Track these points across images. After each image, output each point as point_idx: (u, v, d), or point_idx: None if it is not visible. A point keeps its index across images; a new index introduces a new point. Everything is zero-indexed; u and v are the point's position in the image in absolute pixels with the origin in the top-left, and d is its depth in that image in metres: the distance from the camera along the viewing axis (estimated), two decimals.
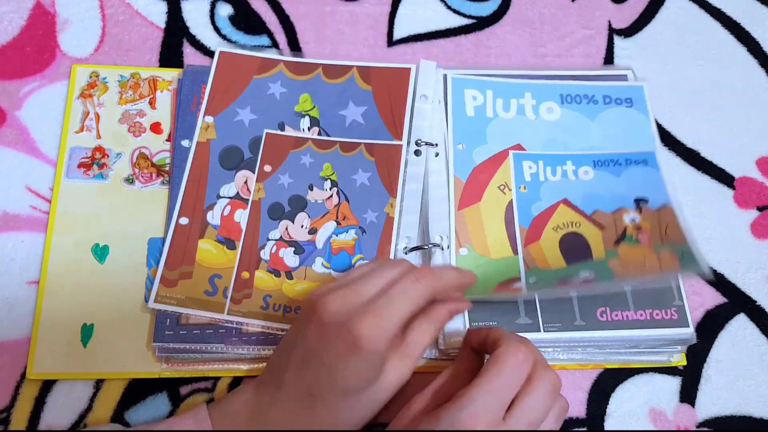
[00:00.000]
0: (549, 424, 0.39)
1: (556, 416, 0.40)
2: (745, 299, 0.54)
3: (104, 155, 0.52)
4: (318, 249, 0.50)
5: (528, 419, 0.38)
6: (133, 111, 0.54)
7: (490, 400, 0.37)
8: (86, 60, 0.56)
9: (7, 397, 0.46)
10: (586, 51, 0.62)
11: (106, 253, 0.50)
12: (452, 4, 0.63)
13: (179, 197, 0.50)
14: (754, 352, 0.52)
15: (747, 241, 0.56)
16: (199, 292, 0.48)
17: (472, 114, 0.55)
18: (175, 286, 0.48)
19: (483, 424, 0.36)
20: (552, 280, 0.49)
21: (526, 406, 0.38)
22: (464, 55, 0.60)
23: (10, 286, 0.49)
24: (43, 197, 0.51)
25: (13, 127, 0.53)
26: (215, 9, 0.60)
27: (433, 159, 0.53)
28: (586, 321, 0.49)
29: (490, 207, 0.52)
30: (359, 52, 0.59)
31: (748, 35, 0.64)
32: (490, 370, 0.38)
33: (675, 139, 0.59)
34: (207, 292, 0.48)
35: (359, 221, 0.51)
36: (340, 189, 0.52)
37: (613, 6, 0.64)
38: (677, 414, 0.50)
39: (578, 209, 0.52)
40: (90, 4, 0.58)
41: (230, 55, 0.56)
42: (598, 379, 0.50)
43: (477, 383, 0.38)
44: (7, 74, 0.55)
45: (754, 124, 0.60)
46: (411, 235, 0.51)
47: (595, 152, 0.54)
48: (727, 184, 0.58)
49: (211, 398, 0.47)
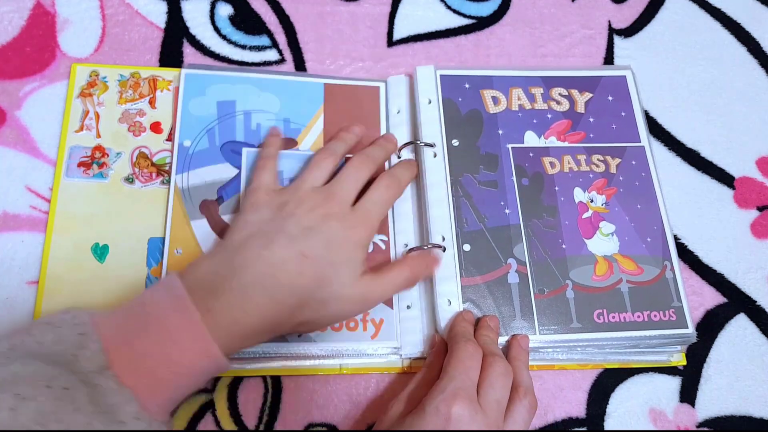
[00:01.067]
0: (519, 421, 0.42)
1: (526, 412, 0.43)
2: (745, 299, 0.54)
3: (104, 155, 0.52)
4: None
5: (493, 397, 0.41)
6: (133, 110, 0.54)
7: (461, 382, 0.41)
8: (86, 60, 0.56)
9: None
10: (586, 51, 0.62)
11: (105, 252, 0.50)
12: (452, 4, 0.63)
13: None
14: (754, 352, 0.52)
15: (747, 241, 0.56)
16: None
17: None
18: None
19: (464, 400, 0.39)
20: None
21: (487, 385, 0.41)
22: (464, 55, 0.60)
23: (10, 286, 0.49)
24: (42, 197, 0.51)
25: (13, 127, 0.53)
26: (215, 9, 0.60)
27: (431, 159, 0.53)
28: (583, 323, 0.49)
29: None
30: (359, 52, 0.59)
31: (748, 35, 0.64)
32: (449, 362, 0.43)
33: (675, 139, 0.59)
34: None
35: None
36: None
37: (613, 6, 0.64)
38: (677, 414, 0.50)
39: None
40: (90, 4, 0.58)
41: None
42: (598, 379, 0.50)
43: (443, 375, 0.42)
44: (7, 74, 0.55)
45: (754, 124, 0.60)
46: (408, 241, 0.51)
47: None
48: (727, 184, 0.58)
49: (210, 399, 0.47)
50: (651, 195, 0.54)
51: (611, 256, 0.51)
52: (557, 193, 0.53)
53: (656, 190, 0.54)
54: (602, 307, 0.50)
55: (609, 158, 0.55)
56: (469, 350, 0.43)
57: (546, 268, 0.51)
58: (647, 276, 0.51)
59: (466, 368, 0.42)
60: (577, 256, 0.51)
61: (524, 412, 0.42)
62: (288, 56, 0.59)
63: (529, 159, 0.54)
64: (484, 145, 0.54)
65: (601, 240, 0.52)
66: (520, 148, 0.54)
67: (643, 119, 0.57)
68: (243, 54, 0.58)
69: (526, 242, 0.51)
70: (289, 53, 0.59)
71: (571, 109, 0.56)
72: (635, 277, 0.51)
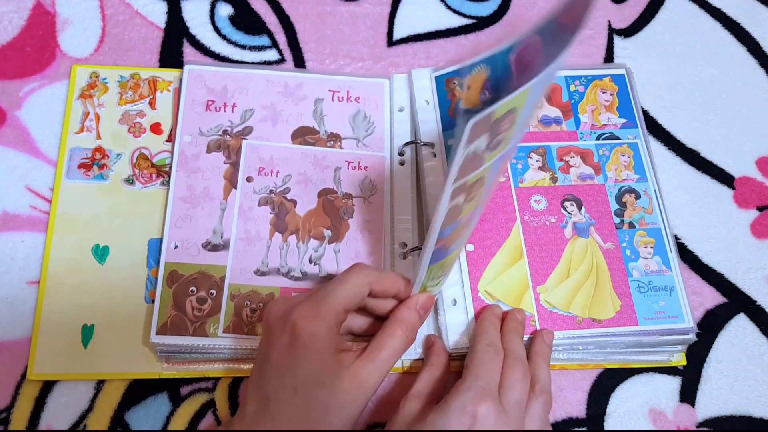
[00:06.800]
0: (535, 419, 0.42)
1: (542, 409, 0.43)
2: (745, 299, 0.54)
3: (104, 156, 0.52)
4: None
5: (514, 398, 0.41)
6: (133, 111, 0.54)
7: (485, 382, 0.41)
8: (86, 60, 0.56)
9: (8, 398, 0.46)
10: (586, 51, 0.62)
11: (106, 253, 0.50)
12: (452, 4, 0.63)
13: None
14: (754, 352, 0.52)
15: (747, 241, 0.56)
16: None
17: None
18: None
19: (489, 400, 0.39)
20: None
21: (508, 386, 0.42)
22: (464, 56, 0.60)
23: (11, 286, 0.49)
24: (43, 197, 0.51)
25: (13, 127, 0.53)
26: (215, 9, 0.60)
27: (431, 159, 0.53)
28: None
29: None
30: (359, 52, 0.59)
31: (748, 35, 0.64)
32: (472, 361, 0.42)
33: (675, 138, 0.59)
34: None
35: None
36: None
37: (613, 6, 0.64)
38: (677, 414, 0.50)
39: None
40: (90, 4, 0.58)
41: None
42: (598, 379, 0.50)
43: (467, 375, 0.42)
44: (7, 74, 0.55)
45: (754, 124, 0.60)
46: (406, 240, 0.51)
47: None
48: (727, 184, 0.58)
49: (211, 398, 0.47)
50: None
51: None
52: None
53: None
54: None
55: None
56: (491, 353, 0.43)
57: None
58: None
59: (488, 369, 0.42)
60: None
61: (540, 410, 0.43)
62: (288, 56, 0.59)
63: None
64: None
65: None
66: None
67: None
68: (243, 54, 0.58)
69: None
70: (289, 53, 0.59)
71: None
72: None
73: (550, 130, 0.55)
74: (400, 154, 0.54)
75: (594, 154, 0.55)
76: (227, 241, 0.50)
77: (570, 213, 0.52)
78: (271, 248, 0.50)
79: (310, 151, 0.53)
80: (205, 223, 0.50)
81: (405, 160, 0.54)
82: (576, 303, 0.49)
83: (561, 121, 0.56)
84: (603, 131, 0.55)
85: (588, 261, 0.51)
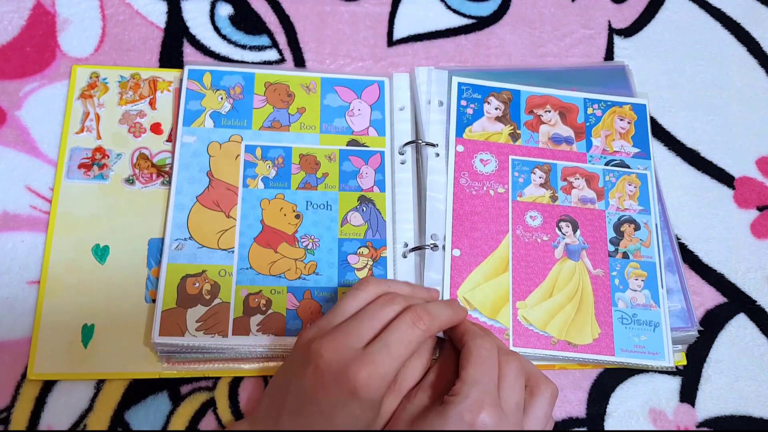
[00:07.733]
0: (542, 408, 0.41)
1: (548, 400, 0.41)
2: (745, 299, 0.54)
3: (104, 156, 0.52)
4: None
5: (513, 400, 0.40)
6: (134, 112, 0.54)
7: (484, 386, 0.39)
8: (86, 60, 0.56)
9: (8, 397, 0.46)
10: (586, 51, 0.62)
11: (106, 253, 0.50)
12: (452, 4, 0.63)
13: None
14: (754, 352, 0.52)
15: (747, 241, 0.56)
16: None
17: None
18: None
19: (490, 407, 0.38)
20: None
21: (507, 387, 0.40)
22: (464, 55, 0.60)
23: (11, 285, 0.49)
24: (43, 197, 0.51)
25: (13, 127, 0.53)
26: (215, 9, 0.60)
27: (433, 158, 0.53)
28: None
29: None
30: (359, 52, 0.59)
31: (748, 35, 0.64)
32: (469, 362, 0.40)
33: (675, 138, 0.59)
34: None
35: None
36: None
37: (613, 6, 0.64)
38: (677, 414, 0.50)
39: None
40: (90, 4, 0.58)
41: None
42: (598, 379, 0.50)
43: (465, 377, 0.40)
44: (7, 74, 0.55)
45: (754, 124, 0.60)
46: (406, 240, 0.51)
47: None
48: (727, 184, 0.58)
49: (211, 397, 0.47)
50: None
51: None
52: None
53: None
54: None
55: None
56: (486, 346, 0.41)
57: None
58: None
59: (487, 369, 0.40)
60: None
61: (546, 405, 0.41)
62: (288, 56, 0.59)
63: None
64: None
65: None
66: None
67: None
68: (243, 54, 0.58)
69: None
70: (289, 53, 0.59)
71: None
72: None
73: (560, 149, 0.55)
74: (401, 153, 0.54)
75: (600, 178, 0.54)
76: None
77: (564, 233, 0.52)
78: None
79: None
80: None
81: (405, 160, 0.54)
82: (554, 324, 0.49)
83: (572, 141, 0.55)
84: (614, 158, 0.55)
85: (574, 284, 0.50)
